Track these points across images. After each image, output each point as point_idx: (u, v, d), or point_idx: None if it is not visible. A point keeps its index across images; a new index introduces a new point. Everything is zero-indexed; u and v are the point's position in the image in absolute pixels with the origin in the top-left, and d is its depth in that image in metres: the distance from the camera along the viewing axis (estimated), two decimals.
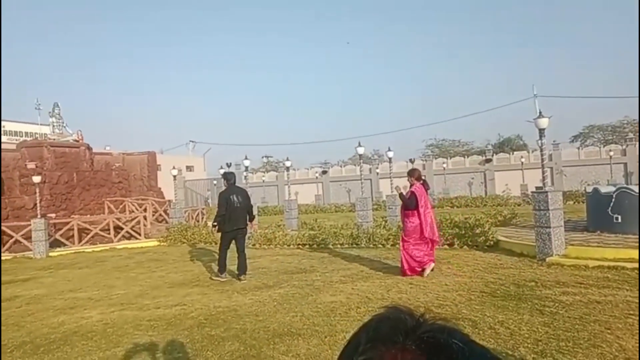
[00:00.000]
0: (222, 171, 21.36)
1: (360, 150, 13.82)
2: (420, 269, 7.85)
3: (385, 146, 68.97)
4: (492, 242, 10.50)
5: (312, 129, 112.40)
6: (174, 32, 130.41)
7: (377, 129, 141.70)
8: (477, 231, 10.85)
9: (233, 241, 8.80)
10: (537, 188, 12.37)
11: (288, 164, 19.96)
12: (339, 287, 7.41)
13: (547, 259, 8.38)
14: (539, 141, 10.61)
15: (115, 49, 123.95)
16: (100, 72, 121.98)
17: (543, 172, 10.40)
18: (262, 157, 63.02)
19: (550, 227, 8.55)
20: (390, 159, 15.57)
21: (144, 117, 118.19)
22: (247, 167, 17.78)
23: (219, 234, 8.96)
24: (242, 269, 8.64)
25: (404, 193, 8.10)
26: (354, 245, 11.81)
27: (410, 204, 7.86)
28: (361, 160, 14.52)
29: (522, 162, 34.07)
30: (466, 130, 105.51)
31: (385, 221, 13.85)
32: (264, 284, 8.00)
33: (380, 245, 11.51)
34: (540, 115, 9.76)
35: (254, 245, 13.21)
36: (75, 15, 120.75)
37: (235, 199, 8.59)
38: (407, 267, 7.85)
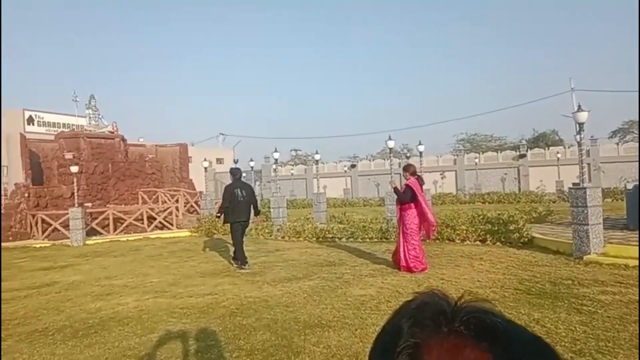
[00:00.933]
0: (252, 163, 21.64)
1: (391, 144, 13.69)
2: (419, 270, 7.82)
3: (414, 141, 68.26)
4: (526, 239, 10.25)
5: (341, 123, 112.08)
6: (206, 28, 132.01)
7: (407, 123, 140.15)
8: (511, 227, 10.62)
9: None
10: (573, 184, 11.99)
11: (317, 157, 19.98)
12: (369, 281, 7.38)
13: (585, 257, 8.12)
14: (577, 136, 10.26)
15: (149, 44, 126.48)
16: (135, 65, 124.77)
17: (581, 168, 10.07)
18: (291, 151, 63.39)
19: (588, 225, 8.27)
20: (421, 152, 15.35)
21: (176, 110, 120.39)
22: (276, 160, 17.88)
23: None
24: (241, 258, 9.04)
25: (399, 187, 8.25)
26: (384, 240, 11.73)
27: (405, 197, 7.98)
28: (391, 154, 14.37)
29: (557, 158, 33.07)
30: (499, 125, 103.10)
31: None
32: (293, 276, 8.04)
33: None
34: (580, 109, 9.43)
35: (282, 237, 13.32)
36: (111, 11, 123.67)
37: (239, 192, 9.08)
38: (404, 263, 7.92)
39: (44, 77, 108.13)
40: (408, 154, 40.66)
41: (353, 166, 39.15)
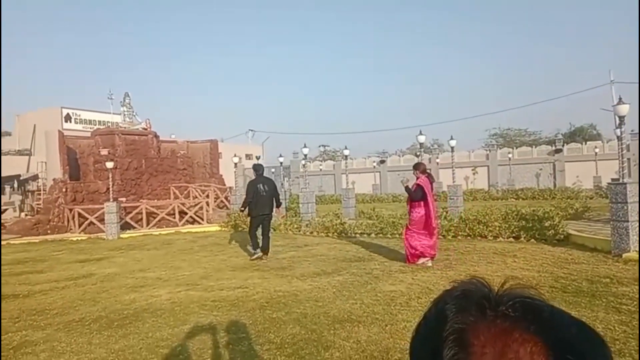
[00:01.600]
0: (281, 159, 21.75)
1: (421, 139, 13.48)
2: (430, 255, 8.16)
3: (444, 136, 67.17)
4: (562, 236, 9.94)
5: (370, 118, 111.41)
6: (235, 27, 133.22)
7: (437, 118, 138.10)
8: (546, 224, 10.33)
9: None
10: (613, 180, 11.54)
11: (346, 152, 19.91)
12: (399, 277, 7.30)
13: (624, 255, 7.81)
14: (617, 130, 9.87)
15: (180, 43, 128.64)
16: (167, 64, 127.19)
17: (621, 163, 9.67)
18: (319, 146, 63.39)
19: (628, 221, 7.95)
20: (452, 147, 15.07)
21: (206, 107, 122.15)
22: (305, 155, 17.89)
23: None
24: (265, 248, 9.62)
25: (410, 186, 8.42)
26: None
27: (415, 196, 8.23)
28: (422, 149, 14.17)
29: (595, 153, 31.92)
30: (533, 119, 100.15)
31: (446, 212, 13.48)
32: (322, 271, 8.03)
33: (441, 236, 11.18)
34: (620, 102, 9.05)
35: (311, 232, 13.34)
36: (146, 11, 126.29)
37: (262, 187, 9.59)
38: (408, 254, 8.27)
39: (81, 76, 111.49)
40: (437, 150, 40.10)
41: (382, 162, 38.87)
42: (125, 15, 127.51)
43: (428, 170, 8.88)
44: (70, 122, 34.55)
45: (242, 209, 10.38)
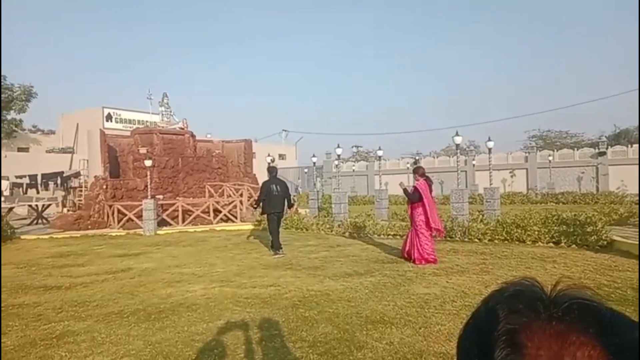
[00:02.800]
0: (314, 159, 21.82)
1: (458, 140, 13.23)
2: (430, 260, 8.41)
3: (480, 137, 65.74)
4: (605, 242, 9.54)
5: (404, 119, 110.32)
6: (270, 27, 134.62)
7: (473, 119, 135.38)
8: (588, 229, 9.92)
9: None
10: None
11: (380, 153, 19.78)
12: (432, 280, 7.18)
13: None
14: None
15: (216, 44, 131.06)
16: (205, 66, 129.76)
17: None
18: (352, 147, 63.17)
19: None
20: (490, 149, 14.72)
21: (240, 107, 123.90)
22: (339, 156, 17.88)
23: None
24: (276, 246, 10.24)
25: (408, 189, 8.93)
26: (448, 239, 11.39)
27: (413, 197, 8.72)
28: (458, 151, 13.90)
29: None
30: (575, 121, 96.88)
31: (483, 215, 13.17)
32: (354, 272, 7.99)
33: (476, 240, 10.99)
34: None
35: (343, 233, 13.30)
36: (183, 13, 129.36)
37: (274, 187, 10.35)
38: (418, 256, 8.50)
39: (121, 77, 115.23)
40: (473, 151, 39.26)
41: (416, 163, 38.38)
42: (163, 16, 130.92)
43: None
44: (111, 121, 35.79)
45: (255, 206, 11.41)
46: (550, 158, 31.59)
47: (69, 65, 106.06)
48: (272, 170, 10.84)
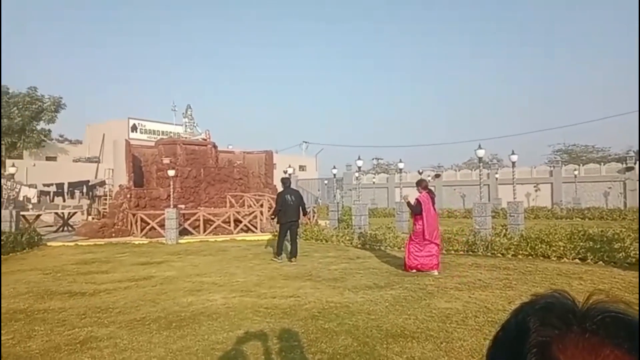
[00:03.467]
0: (334, 171, 21.83)
1: (480, 153, 13.08)
2: (424, 268, 8.81)
3: (503, 151, 64.86)
4: (633, 259, 9.25)
5: (425, 131, 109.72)
6: (293, 38, 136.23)
7: (496, 132, 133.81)
8: (616, 246, 9.67)
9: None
10: None
11: (401, 165, 19.66)
12: (454, 294, 7.07)
13: None
14: None
15: (239, 56, 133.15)
16: (228, 77, 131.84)
17: None
18: (372, 159, 62.89)
19: None
20: (513, 163, 14.50)
21: (261, 118, 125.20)
22: (359, 168, 17.85)
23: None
24: (294, 253, 10.75)
25: (411, 201, 9.34)
26: (470, 253, 11.23)
27: (415, 209, 9.08)
28: (481, 164, 13.73)
29: None
30: (601, 135, 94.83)
31: (506, 229, 12.95)
32: (374, 284, 7.93)
33: (499, 255, 10.79)
34: None
35: (363, 245, 13.23)
36: (207, 26, 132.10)
37: (289, 197, 10.81)
38: (408, 262, 9.00)
39: (147, 89, 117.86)
40: (496, 164, 38.74)
41: (437, 176, 38.04)
42: (188, 29, 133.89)
43: (431, 187, 9.88)
44: (136, 132, 36.54)
45: (273, 216, 11.73)
46: (576, 172, 30.92)
47: (96, 76, 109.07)
48: (285, 181, 11.36)
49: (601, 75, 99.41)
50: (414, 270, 8.89)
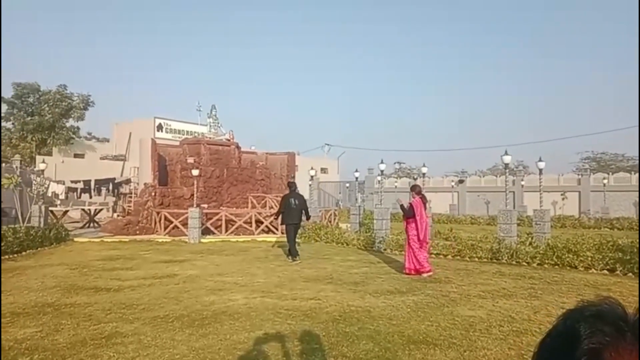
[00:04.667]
0: (357, 174, 21.77)
1: (507, 159, 12.83)
2: (420, 272, 9.14)
3: (529, 157, 63.66)
4: None
5: (450, 136, 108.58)
6: (315, 43, 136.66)
7: (522, 139, 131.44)
8: None
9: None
10: None
11: (424, 170, 19.46)
12: (478, 302, 6.95)
13: None
14: None
15: (264, 59, 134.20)
16: (252, 79, 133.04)
17: None
18: (395, 163, 62.54)
19: None
20: (540, 170, 14.20)
21: (284, 120, 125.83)
22: (382, 171, 17.74)
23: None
24: (293, 253, 11.17)
25: (404, 205, 9.73)
26: (494, 261, 11.03)
27: (408, 213, 9.51)
28: (507, 170, 13.48)
29: None
30: (631, 144, 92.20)
31: (532, 237, 12.68)
32: (396, 289, 7.86)
33: (524, 263, 10.57)
34: None
35: (384, 249, 13.14)
36: (233, 30, 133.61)
37: (293, 201, 11.30)
38: (409, 266, 9.32)
39: (173, 89, 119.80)
40: (522, 171, 38.03)
41: (461, 181, 37.54)
42: (212, 33, 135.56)
43: (423, 192, 10.13)
44: (162, 131, 37.12)
45: (276, 217, 12.61)
46: (605, 181, 30.12)
47: (123, 76, 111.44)
48: (291, 185, 11.91)
49: (631, 82, 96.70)
50: (414, 273, 9.20)
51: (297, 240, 11.83)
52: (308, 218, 12.11)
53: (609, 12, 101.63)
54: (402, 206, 9.85)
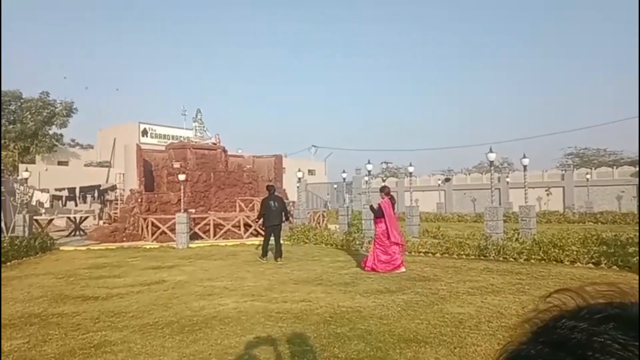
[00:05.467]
0: (344, 175, 21.84)
1: (492, 157, 12.99)
2: (384, 271, 9.40)
3: (514, 154, 64.39)
4: None
5: (435, 135, 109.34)
6: (301, 42, 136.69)
7: (507, 136, 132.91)
8: (630, 250, 9.55)
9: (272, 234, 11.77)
10: None
11: (411, 169, 19.62)
12: (467, 299, 7.02)
13: None
14: None
15: (248, 59, 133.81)
16: (236, 82, 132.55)
17: None
18: (381, 163, 62.76)
19: None
20: (525, 167, 14.40)
21: (270, 122, 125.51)
22: (369, 172, 17.84)
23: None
24: (278, 253, 11.50)
25: (374, 206, 10.16)
26: (482, 257, 11.14)
27: (377, 212, 9.89)
28: (492, 168, 13.64)
29: None
30: (613, 139, 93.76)
31: (518, 234, 12.84)
32: (386, 289, 7.90)
33: (511, 259, 10.70)
34: None
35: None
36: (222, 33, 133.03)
37: (273, 204, 11.67)
38: (370, 264, 9.65)
39: (157, 93, 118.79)
40: (507, 168, 38.48)
41: (447, 180, 37.86)
42: (196, 36, 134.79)
43: (392, 193, 10.66)
44: (147, 136, 36.78)
45: (257, 220, 13.03)
46: (588, 176, 30.62)
47: (107, 81, 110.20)
48: (270, 188, 12.19)
49: (613, 78, 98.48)
50: (371, 271, 9.52)
51: (281, 242, 12.12)
52: (287, 219, 12.52)
53: (609, 12, 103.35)
54: (371, 207, 10.34)
